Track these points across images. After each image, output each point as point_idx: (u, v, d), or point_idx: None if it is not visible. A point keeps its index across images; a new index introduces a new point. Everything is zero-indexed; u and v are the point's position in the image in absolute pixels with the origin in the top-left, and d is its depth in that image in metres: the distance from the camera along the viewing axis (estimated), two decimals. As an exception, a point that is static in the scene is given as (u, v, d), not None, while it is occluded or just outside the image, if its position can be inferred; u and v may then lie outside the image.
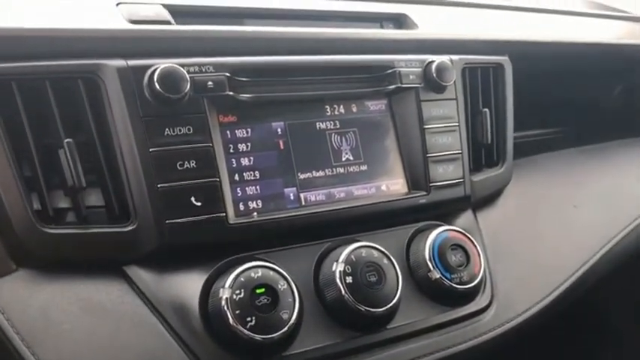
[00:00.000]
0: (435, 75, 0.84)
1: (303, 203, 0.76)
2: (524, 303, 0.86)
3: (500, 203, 0.95)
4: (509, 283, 0.86)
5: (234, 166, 0.73)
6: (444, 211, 0.85)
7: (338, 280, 0.71)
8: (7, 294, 0.63)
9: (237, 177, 0.73)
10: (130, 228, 0.67)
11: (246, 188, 0.73)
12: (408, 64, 0.83)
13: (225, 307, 0.65)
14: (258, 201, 0.74)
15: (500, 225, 0.92)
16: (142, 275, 0.67)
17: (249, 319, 0.65)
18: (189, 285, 0.68)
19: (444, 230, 0.80)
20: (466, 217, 0.88)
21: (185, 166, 0.68)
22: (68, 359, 0.62)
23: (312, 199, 0.77)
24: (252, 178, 0.74)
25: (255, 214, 0.73)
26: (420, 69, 0.84)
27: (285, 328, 0.66)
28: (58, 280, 0.65)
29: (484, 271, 0.81)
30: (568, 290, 0.92)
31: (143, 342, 0.65)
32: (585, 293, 0.96)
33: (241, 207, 0.73)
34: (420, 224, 0.82)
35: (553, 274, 0.92)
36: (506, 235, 0.91)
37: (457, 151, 0.86)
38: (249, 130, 0.75)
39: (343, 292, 0.70)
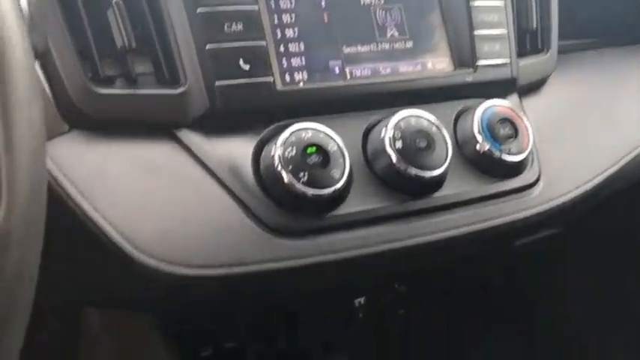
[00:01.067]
0: None
1: (348, 77, 0.75)
2: (569, 183, 0.85)
3: (545, 91, 0.93)
4: (555, 163, 0.84)
5: (279, 37, 0.72)
6: (490, 93, 0.83)
7: (387, 145, 0.70)
8: (62, 152, 0.63)
9: (282, 48, 0.72)
10: (180, 90, 0.66)
11: (292, 59, 0.73)
12: None
13: (279, 164, 0.65)
14: (304, 72, 0.73)
15: (544, 112, 0.90)
16: (193, 138, 0.68)
17: (301, 174, 0.65)
18: (240, 147, 0.68)
19: (492, 105, 0.79)
20: (512, 100, 0.86)
21: (232, 28, 0.67)
22: (126, 213, 0.63)
23: (358, 73, 0.76)
24: (297, 50, 0.73)
25: (301, 84, 0.73)
26: None
27: (336, 186, 0.66)
28: (110, 140, 0.65)
29: (532, 145, 0.80)
30: (611, 178, 0.91)
31: (198, 197, 0.66)
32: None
33: (287, 78, 0.72)
34: (467, 101, 0.81)
35: (597, 160, 0.90)
36: (550, 121, 0.90)
37: (503, 30, 0.84)
38: (292, 1, 0.73)
39: (393, 155, 0.70)
